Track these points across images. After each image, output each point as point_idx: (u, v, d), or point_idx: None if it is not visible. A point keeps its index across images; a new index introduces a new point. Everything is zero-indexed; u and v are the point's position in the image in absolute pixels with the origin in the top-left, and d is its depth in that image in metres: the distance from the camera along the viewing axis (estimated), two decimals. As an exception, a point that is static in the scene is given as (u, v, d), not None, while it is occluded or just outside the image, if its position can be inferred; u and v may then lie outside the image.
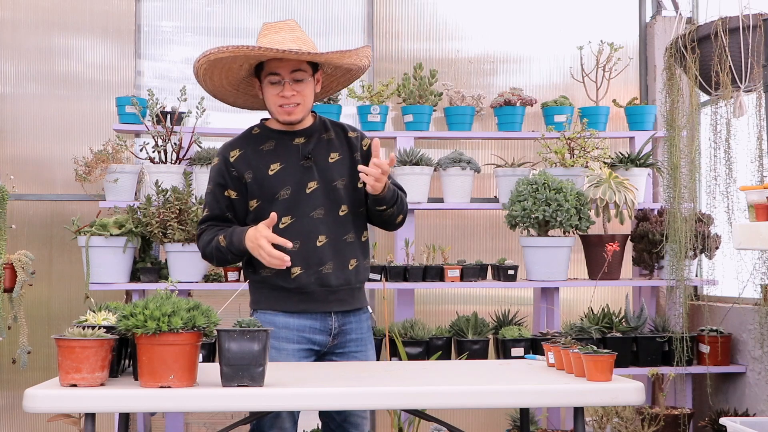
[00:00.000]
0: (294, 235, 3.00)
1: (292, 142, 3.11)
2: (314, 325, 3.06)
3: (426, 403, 2.46)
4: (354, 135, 3.20)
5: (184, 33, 5.30)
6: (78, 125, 5.12)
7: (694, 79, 4.03)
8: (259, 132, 3.17)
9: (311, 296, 3.05)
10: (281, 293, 3.05)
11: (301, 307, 3.04)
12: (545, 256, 4.48)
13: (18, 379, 4.87)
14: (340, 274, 3.07)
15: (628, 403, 2.49)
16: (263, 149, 3.10)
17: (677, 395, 4.76)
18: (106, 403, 2.32)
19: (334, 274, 3.05)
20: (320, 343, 3.07)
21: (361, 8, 5.35)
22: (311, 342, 3.05)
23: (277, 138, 3.12)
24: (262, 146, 3.11)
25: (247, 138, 3.16)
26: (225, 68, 3.10)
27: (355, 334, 3.13)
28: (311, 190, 3.06)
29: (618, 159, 4.80)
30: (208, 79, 3.15)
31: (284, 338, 3.02)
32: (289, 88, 3.03)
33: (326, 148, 3.13)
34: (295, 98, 3.04)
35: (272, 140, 3.12)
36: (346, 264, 3.09)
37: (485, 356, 4.48)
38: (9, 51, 5.11)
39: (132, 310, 2.33)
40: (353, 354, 3.11)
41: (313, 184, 3.06)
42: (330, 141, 3.14)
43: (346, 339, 3.11)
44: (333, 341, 3.09)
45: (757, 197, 2.73)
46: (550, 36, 5.45)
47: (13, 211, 4.65)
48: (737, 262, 4.14)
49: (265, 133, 3.15)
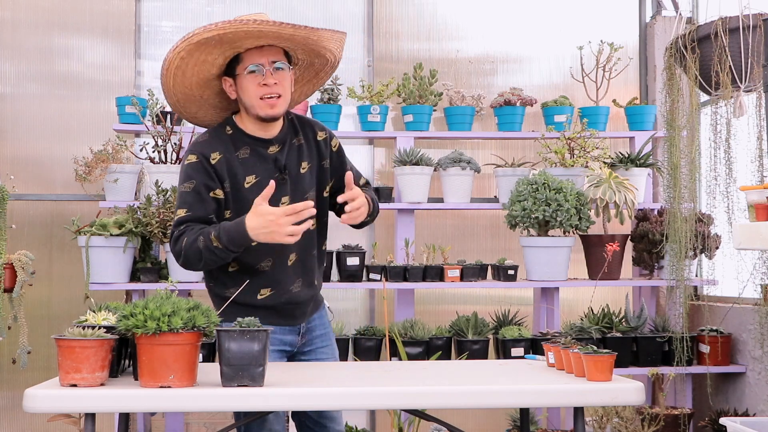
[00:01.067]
0: (267, 254, 2.89)
1: (267, 151, 2.93)
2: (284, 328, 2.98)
3: (426, 403, 2.46)
4: (323, 137, 3.04)
5: (184, 33, 5.28)
6: (78, 125, 5.12)
7: (694, 79, 4.02)
8: (233, 134, 2.95)
9: (279, 313, 2.95)
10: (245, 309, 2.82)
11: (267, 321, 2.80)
12: (545, 256, 4.48)
13: (18, 379, 4.87)
14: (307, 291, 2.99)
15: (628, 403, 2.49)
16: (239, 156, 2.91)
17: (677, 395, 4.76)
18: (106, 403, 2.32)
19: (302, 292, 2.97)
20: (290, 343, 3.01)
21: (361, 8, 5.35)
22: (282, 343, 2.98)
23: (252, 145, 2.93)
24: (238, 152, 2.91)
25: (222, 139, 2.93)
26: (200, 59, 2.90)
27: (319, 330, 3.08)
28: (283, 205, 2.84)
29: (618, 159, 4.80)
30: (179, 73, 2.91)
31: None
32: (271, 76, 2.85)
33: (297, 156, 2.98)
34: (277, 88, 2.86)
35: (247, 146, 2.93)
36: (312, 279, 3.01)
37: (485, 356, 4.49)
38: (9, 51, 5.11)
39: (132, 310, 2.33)
40: (320, 349, 3.07)
41: (285, 200, 2.90)
42: (300, 148, 2.99)
43: (313, 336, 3.06)
44: (302, 340, 3.03)
45: (757, 197, 2.73)
46: (550, 36, 5.45)
47: (13, 211, 4.65)
48: (737, 262, 4.13)
49: (239, 136, 2.94)
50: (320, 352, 3.07)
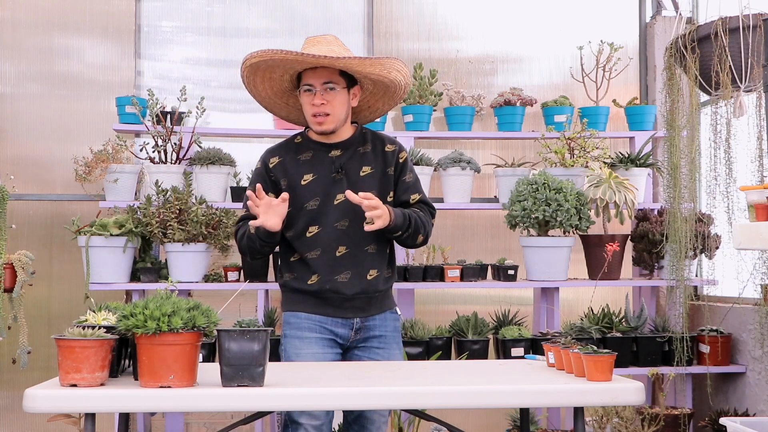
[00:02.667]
0: (316, 244, 3.18)
1: (328, 155, 3.25)
2: (335, 320, 3.20)
3: (426, 403, 2.46)
4: (391, 149, 3.31)
5: (184, 33, 5.30)
6: (78, 125, 5.12)
7: (694, 79, 4.02)
8: (301, 141, 3.31)
9: (327, 301, 3.20)
10: (299, 296, 3.23)
11: (318, 309, 3.19)
12: (545, 256, 4.48)
13: (18, 379, 4.87)
14: (356, 283, 3.20)
15: (628, 403, 2.49)
16: (300, 159, 3.25)
17: (677, 395, 4.76)
18: (106, 403, 2.32)
19: (350, 283, 3.19)
20: (342, 336, 3.21)
21: (361, 7, 5.35)
22: (333, 333, 3.19)
23: (315, 149, 3.27)
24: (300, 156, 3.26)
25: (288, 146, 3.31)
26: (266, 77, 3.25)
27: (378, 331, 3.25)
28: (338, 201, 3.19)
29: (618, 159, 4.80)
30: (252, 86, 3.30)
31: (306, 328, 3.17)
32: (320, 97, 3.17)
33: (360, 161, 3.26)
34: (324, 107, 3.17)
35: (310, 151, 3.27)
36: (365, 274, 3.21)
37: (485, 356, 4.48)
38: (9, 51, 5.11)
39: (132, 310, 2.33)
40: (375, 350, 3.24)
41: (341, 196, 3.18)
42: (365, 154, 3.27)
43: (369, 335, 3.24)
44: (356, 335, 3.22)
45: (757, 197, 2.73)
46: (550, 36, 5.45)
47: (13, 211, 4.65)
48: (737, 262, 4.13)
49: (306, 143, 3.29)
50: (374, 352, 3.24)
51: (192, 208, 4.35)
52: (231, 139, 5.12)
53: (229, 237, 4.39)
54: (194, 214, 4.32)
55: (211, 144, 4.81)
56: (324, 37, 3.26)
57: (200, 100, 4.64)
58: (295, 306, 3.24)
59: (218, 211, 4.39)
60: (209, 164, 4.58)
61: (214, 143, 4.87)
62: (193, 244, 4.31)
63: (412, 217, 3.21)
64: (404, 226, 3.17)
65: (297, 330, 3.18)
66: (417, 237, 3.24)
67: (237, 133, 4.99)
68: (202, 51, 5.29)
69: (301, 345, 3.14)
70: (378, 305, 3.27)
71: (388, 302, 3.32)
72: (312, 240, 3.19)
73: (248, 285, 4.32)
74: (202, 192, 4.57)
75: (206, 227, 4.32)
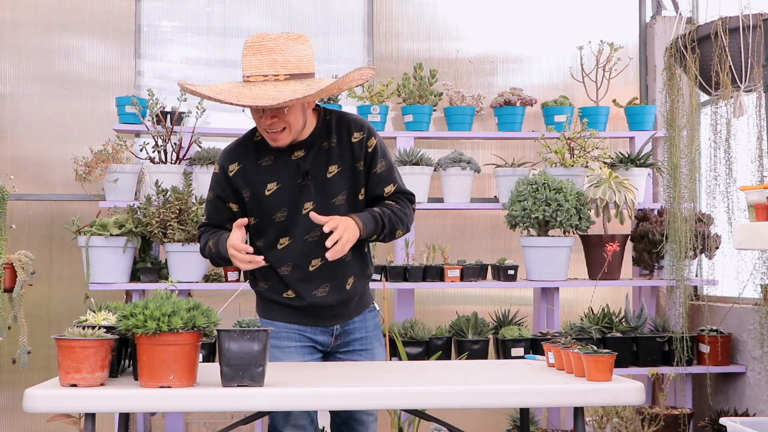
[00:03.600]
0: (287, 258, 2.95)
1: (291, 157, 2.93)
2: (314, 329, 3.02)
3: (426, 403, 2.46)
4: (359, 137, 2.95)
5: (184, 33, 5.30)
6: (78, 125, 5.12)
7: (694, 79, 4.02)
8: (260, 140, 2.96)
9: (305, 312, 3.00)
10: (276, 305, 3.02)
11: (295, 320, 3.00)
12: (545, 256, 4.48)
13: (18, 379, 4.87)
14: (336, 295, 2.98)
15: (628, 403, 2.49)
16: (262, 164, 2.95)
17: (677, 395, 4.76)
18: (106, 403, 2.32)
19: (329, 296, 2.97)
20: (323, 343, 3.04)
21: (361, 7, 5.35)
22: (312, 341, 3.02)
23: (276, 152, 2.94)
24: (261, 161, 2.95)
25: (247, 147, 2.98)
26: None
27: (359, 333, 3.07)
28: (307, 211, 2.90)
29: (618, 159, 4.80)
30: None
31: (285, 337, 2.99)
32: (268, 116, 2.82)
33: (326, 159, 2.94)
34: (277, 124, 2.83)
35: (272, 154, 2.94)
36: (344, 284, 2.99)
37: (485, 356, 4.48)
38: (9, 51, 5.11)
39: (132, 310, 2.32)
40: (358, 352, 3.06)
41: (308, 205, 2.92)
42: (330, 150, 2.95)
43: (350, 338, 3.06)
44: (336, 341, 3.04)
45: (757, 197, 2.73)
46: (550, 36, 5.45)
47: (13, 211, 4.65)
48: (737, 262, 4.13)
49: (266, 143, 2.94)
50: (357, 354, 3.07)
51: (192, 208, 4.35)
52: (231, 139, 5.11)
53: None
54: (194, 214, 4.32)
55: (211, 144, 4.81)
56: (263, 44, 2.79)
57: (200, 100, 4.64)
58: (271, 314, 3.03)
59: (218, 211, 4.38)
60: (209, 164, 4.58)
61: (214, 143, 4.87)
62: (193, 244, 4.30)
63: (385, 217, 2.93)
64: (378, 230, 2.93)
65: (275, 339, 2.97)
66: (395, 234, 3.00)
67: (237, 133, 4.93)
68: (202, 51, 5.29)
69: (281, 355, 2.96)
70: (356, 308, 3.07)
71: (366, 301, 3.11)
72: (283, 253, 2.94)
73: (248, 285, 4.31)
74: (202, 192, 4.56)
75: (206, 227, 4.32)
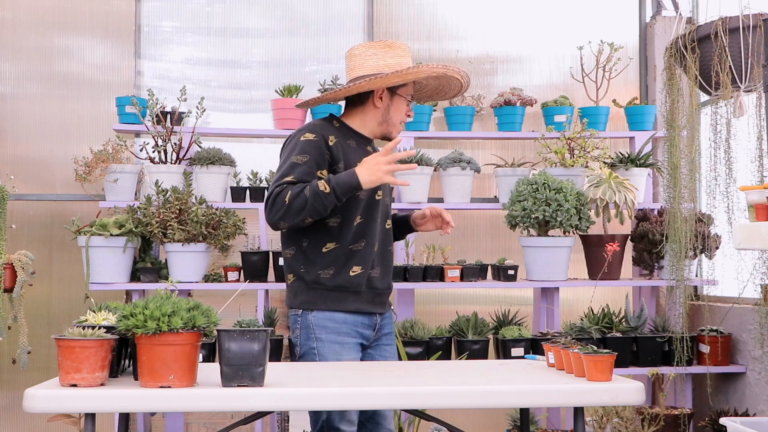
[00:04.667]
0: (362, 236, 3.16)
1: (367, 148, 3.26)
2: (364, 321, 3.20)
3: (426, 403, 2.46)
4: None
5: (184, 33, 5.30)
6: (78, 125, 5.12)
7: (694, 79, 4.02)
8: (340, 126, 3.23)
9: (362, 297, 3.17)
10: (337, 293, 3.13)
11: (354, 307, 3.16)
12: (545, 256, 4.48)
13: (18, 379, 4.87)
14: (383, 280, 3.24)
15: (628, 403, 2.49)
16: (350, 145, 3.20)
17: (677, 395, 4.76)
18: (106, 403, 2.32)
19: (379, 279, 3.22)
20: (367, 337, 3.23)
21: (362, 7, 5.35)
22: (362, 336, 3.20)
23: (357, 138, 3.23)
24: (348, 142, 3.20)
25: (334, 128, 3.19)
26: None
27: (387, 329, 3.30)
28: (379, 198, 3.21)
29: (618, 159, 4.80)
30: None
31: (345, 333, 3.14)
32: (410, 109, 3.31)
33: None
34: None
35: (353, 140, 3.22)
36: (388, 270, 3.28)
37: (485, 356, 4.48)
38: (9, 51, 5.11)
39: (132, 310, 2.33)
40: (385, 347, 3.28)
41: (380, 193, 3.22)
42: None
43: (381, 333, 3.28)
44: (375, 335, 3.25)
45: (757, 197, 2.73)
46: (550, 36, 5.45)
47: (13, 211, 4.65)
48: (737, 262, 4.13)
49: (346, 130, 3.23)
50: (383, 349, 3.28)
51: (192, 208, 4.35)
52: (231, 139, 5.12)
53: (229, 237, 4.39)
54: (194, 214, 4.32)
55: (211, 144, 4.81)
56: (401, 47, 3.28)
57: (200, 100, 4.64)
58: (332, 305, 3.12)
59: (218, 211, 4.39)
60: (209, 164, 4.58)
61: (214, 143, 4.87)
62: (193, 244, 4.31)
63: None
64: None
65: (336, 335, 3.10)
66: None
67: (237, 133, 4.99)
68: (202, 51, 5.29)
69: (341, 350, 3.10)
70: (388, 302, 3.34)
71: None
72: (359, 230, 3.14)
73: (248, 285, 4.32)
74: (202, 192, 4.57)
75: (206, 227, 4.32)
